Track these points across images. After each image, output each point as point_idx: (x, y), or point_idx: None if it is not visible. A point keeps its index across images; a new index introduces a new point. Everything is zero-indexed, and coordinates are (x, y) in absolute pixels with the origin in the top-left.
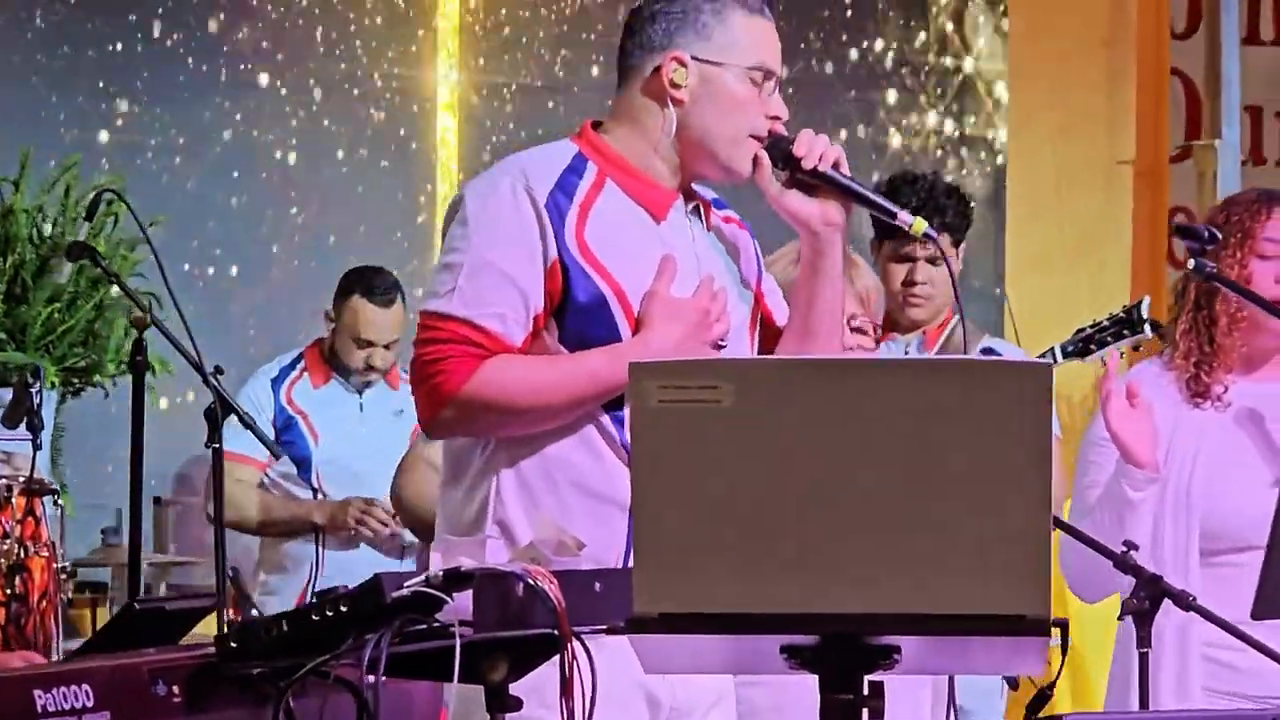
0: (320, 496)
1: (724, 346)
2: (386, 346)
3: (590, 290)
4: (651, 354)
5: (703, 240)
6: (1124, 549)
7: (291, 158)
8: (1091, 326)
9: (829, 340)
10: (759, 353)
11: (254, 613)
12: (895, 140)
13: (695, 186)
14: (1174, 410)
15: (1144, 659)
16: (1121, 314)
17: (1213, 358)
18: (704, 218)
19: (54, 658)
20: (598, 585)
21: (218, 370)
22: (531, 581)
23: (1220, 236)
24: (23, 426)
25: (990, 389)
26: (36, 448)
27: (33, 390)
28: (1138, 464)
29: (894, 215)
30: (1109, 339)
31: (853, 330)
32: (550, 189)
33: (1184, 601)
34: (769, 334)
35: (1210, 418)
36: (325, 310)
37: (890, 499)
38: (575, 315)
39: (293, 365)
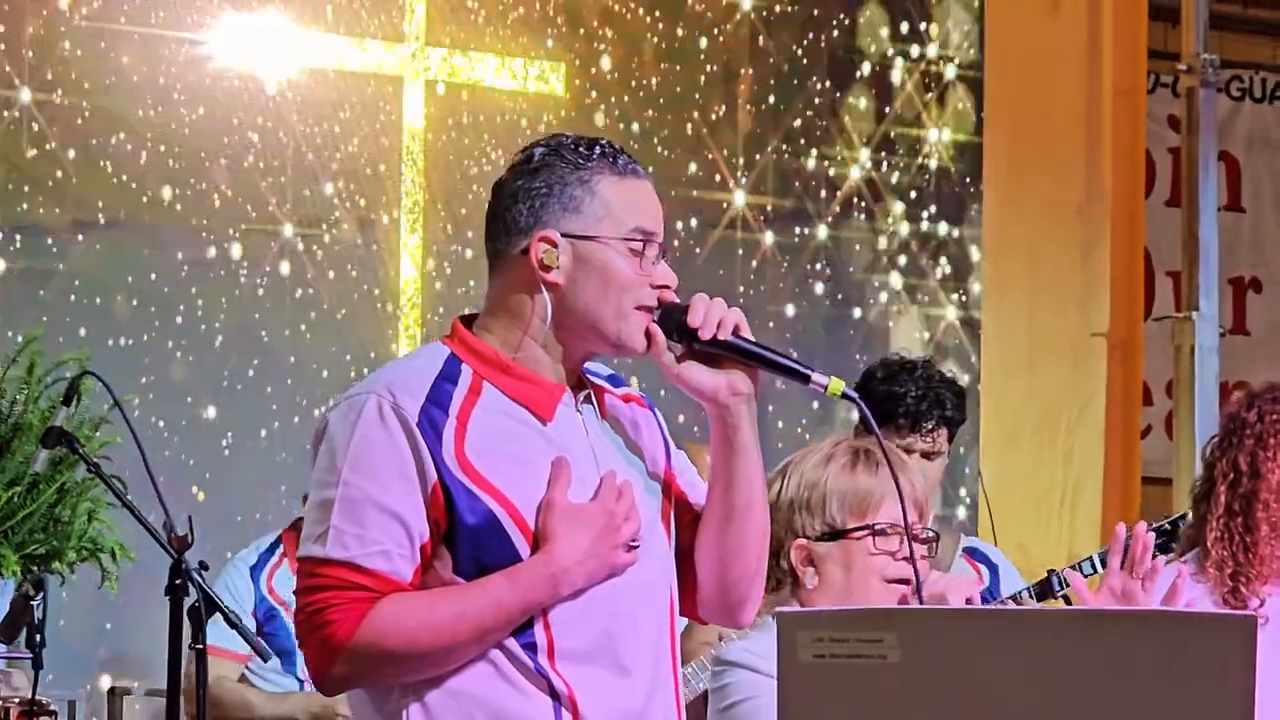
0: (307, 687)
1: (636, 546)
2: None
3: (479, 511)
4: (558, 568)
5: (598, 433)
6: None
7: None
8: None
9: (755, 520)
10: (681, 544)
11: None
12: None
13: (586, 368)
14: None
15: None
16: (1167, 525)
17: (1249, 568)
18: (597, 405)
19: None
20: None
21: (203, 566)
22: None
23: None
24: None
25: (1192, 641)
26: (37, 666)
27: (34, 604)
28: None
29: (807, 378)
30: (1155, 551)
31: (920, 542)
32: (421, 404)
33: None
34: (687, 520)
35: None
36: (304, 496)
37: None
38: (467, 539)
39: (271, 551)
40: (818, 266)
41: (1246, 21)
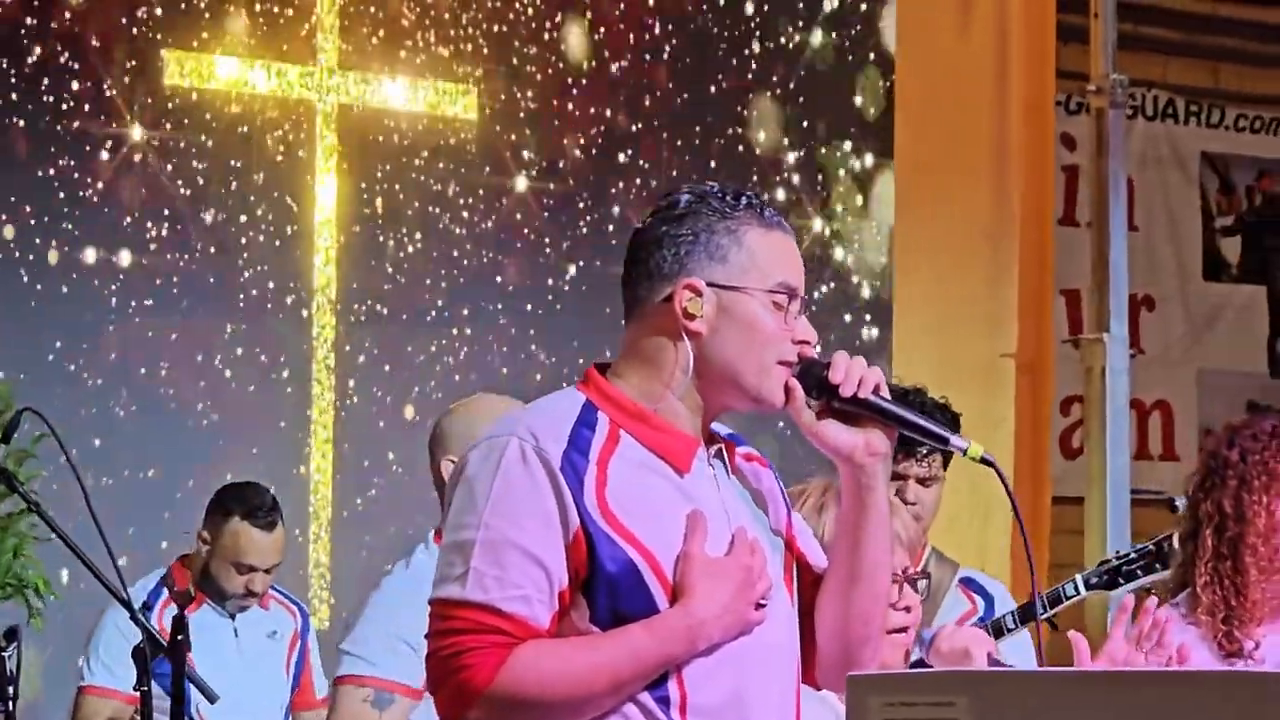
0: None
1: (765, 605)
2: (267, 571)
3: (620, 559)
4: (697, 622)
5: (728, 489)
6: None
7: None
8: (1118, 558)
9: (877, 584)
10: (802, 605)
11: None
12: None
13: (713, 426)
14: None
15: None
16: (1151, 547)
17: (1241, 611)
18: (727, 462)
19: None
20: None
21: (146, 606)
22: None
23: None
24: None
25: (1274, 703)
26: (8, 717)
27: (6, 655)
28: None
29: (946, 441)
30: (1138, 572)
31: (906, 581)
32: (564, 448)
33: None
34: (807, 581)
35: None
36: (199, 531)
37: None
38: (606, 588)
39: (159, 589)
40: None
41: (1138, 39)
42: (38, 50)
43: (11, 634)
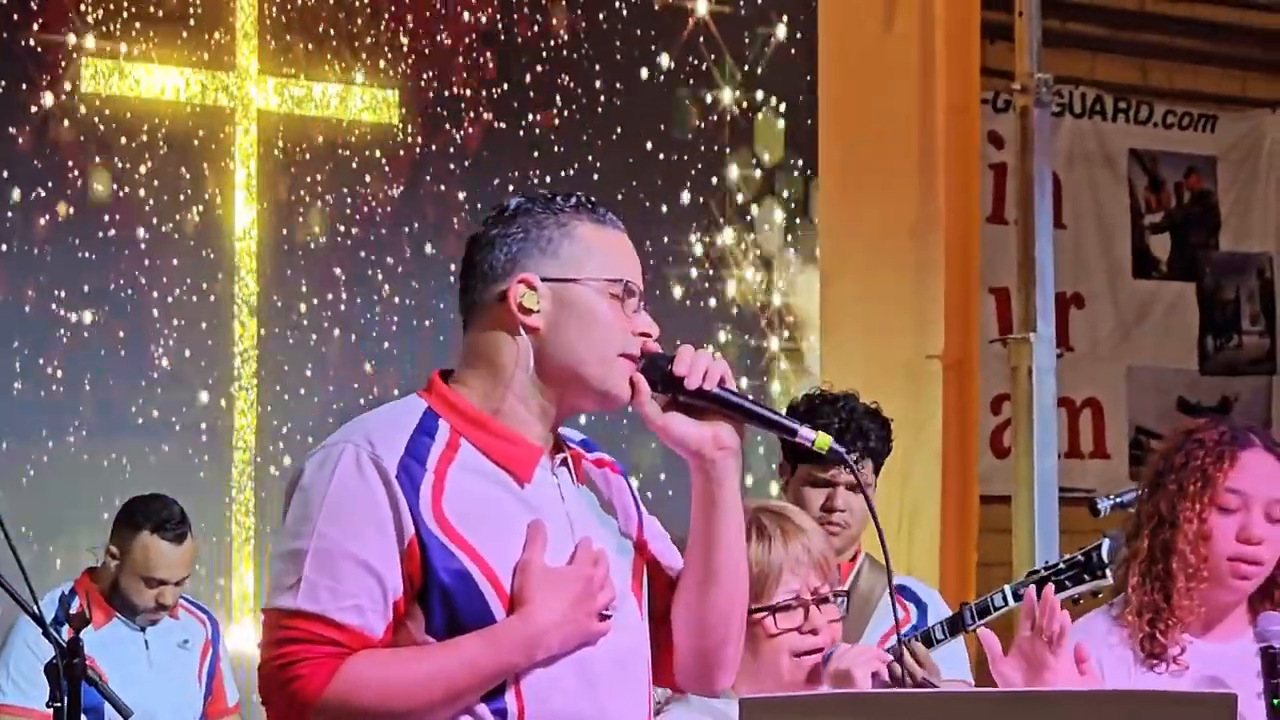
0: None
1: (609, 615)
2: (177, 583)
3: (454, 569)
4: (535, 631)
5: (574, 498)
6: None
7: None
8: (1046, 569)
9: (735, 584)
10: (656, 610)
11: None
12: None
13: (562, 432)
14: (1125, 673)
15: None
16: (1080, 557)
17: (1169, 616)
18: (573, 470)
19: None
20: None
21: (56, 621)
22: None
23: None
24: None
25: None
26: None
27: None
28: None
29: (794, 432)
30: (1067, 583)
31: (817, 602)
32: (400, 457)
33: None
34: (661, 584)
35: (1166, 683)
36: (106, 546)
37: None
38: (440, 598)
39: (70, 602)
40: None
41: (1065, 36)
42: None
43: None
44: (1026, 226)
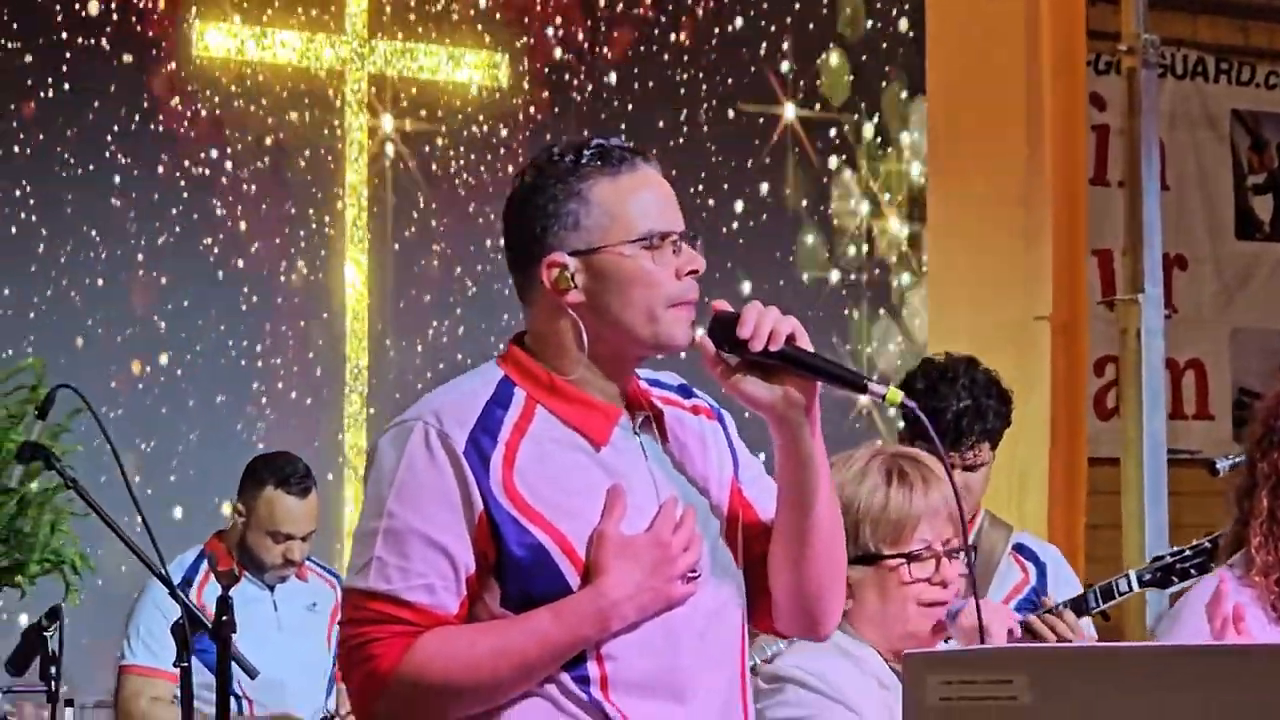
0: (245, 704)
1: (696, 576)
2: (304, 539)
3: (526, 543)
4: (608, 604)
5: (658, 456)
6: None
7: None
8: (1172, 555)
9: (827, 530)
10: (753, 554)
11: None
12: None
13: (657, 380)
14: (1264, 636)
15: None
16: (1206, 544)
17: None
18: (657, 429)
19: None
20: None
21: (185, 582)
22: None
23: None
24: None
25: None
26: (52, 699)
27: (48, 634)
28: None
29: (864, 387)
30: (1192, 571)
31: (949, 554)
32: (469, 432)
33: None
34: (756, 531)
35: None
36: (233, 503)
37: None
38: (514, 572)
39: (196, 565)
40: None
41: None
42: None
43: (54, 614)
44: (1134, 188)
